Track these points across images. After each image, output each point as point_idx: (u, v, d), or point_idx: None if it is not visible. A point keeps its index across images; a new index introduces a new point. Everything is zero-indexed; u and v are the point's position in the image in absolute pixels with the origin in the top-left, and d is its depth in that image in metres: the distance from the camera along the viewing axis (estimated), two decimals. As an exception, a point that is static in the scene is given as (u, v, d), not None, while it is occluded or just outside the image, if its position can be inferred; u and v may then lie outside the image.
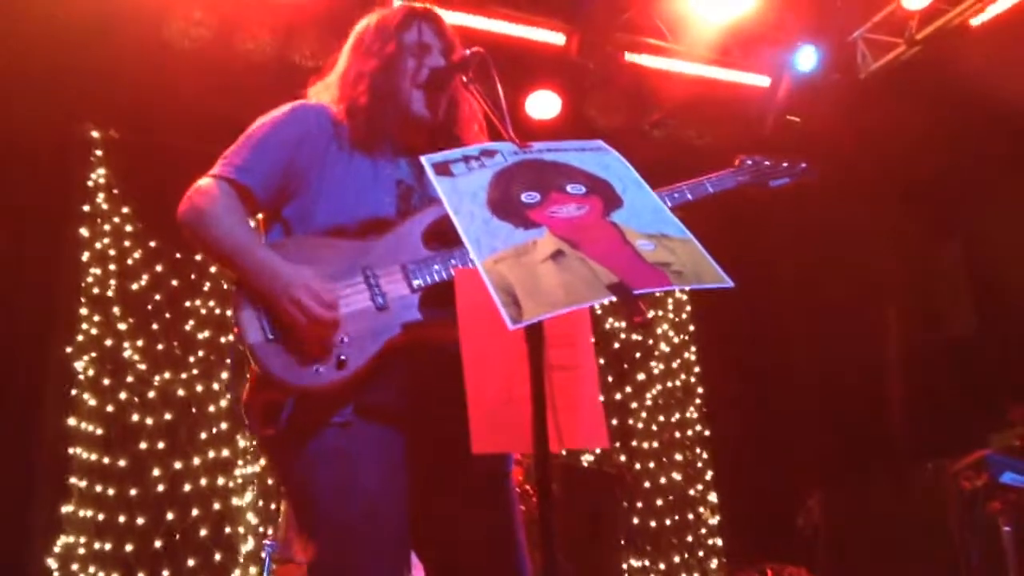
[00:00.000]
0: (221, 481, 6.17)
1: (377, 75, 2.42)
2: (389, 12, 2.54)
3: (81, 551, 5.76)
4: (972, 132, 6.63)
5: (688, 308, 8.36)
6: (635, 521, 7.48)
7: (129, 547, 5.88)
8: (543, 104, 7.07)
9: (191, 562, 5.94)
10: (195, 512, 6.05)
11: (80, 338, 6.14)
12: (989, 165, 6.62)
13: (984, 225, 6.96)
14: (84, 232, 6.36)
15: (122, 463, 6.04)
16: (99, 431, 6.04)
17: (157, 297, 6.44)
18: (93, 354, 6.15)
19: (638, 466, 7.71)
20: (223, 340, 6.45)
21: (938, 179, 7.04)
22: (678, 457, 7.89)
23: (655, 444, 7.86)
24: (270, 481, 6.05)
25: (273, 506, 5.98)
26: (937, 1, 6.65)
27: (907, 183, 7.19)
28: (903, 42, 7.12)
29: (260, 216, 2.42)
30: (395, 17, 2.50)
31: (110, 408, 6.11)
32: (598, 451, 7.28)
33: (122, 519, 5.92)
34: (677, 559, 7.56)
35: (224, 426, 6.28)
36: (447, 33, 2.51)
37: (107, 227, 6.45)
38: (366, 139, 2.39)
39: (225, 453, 6.23)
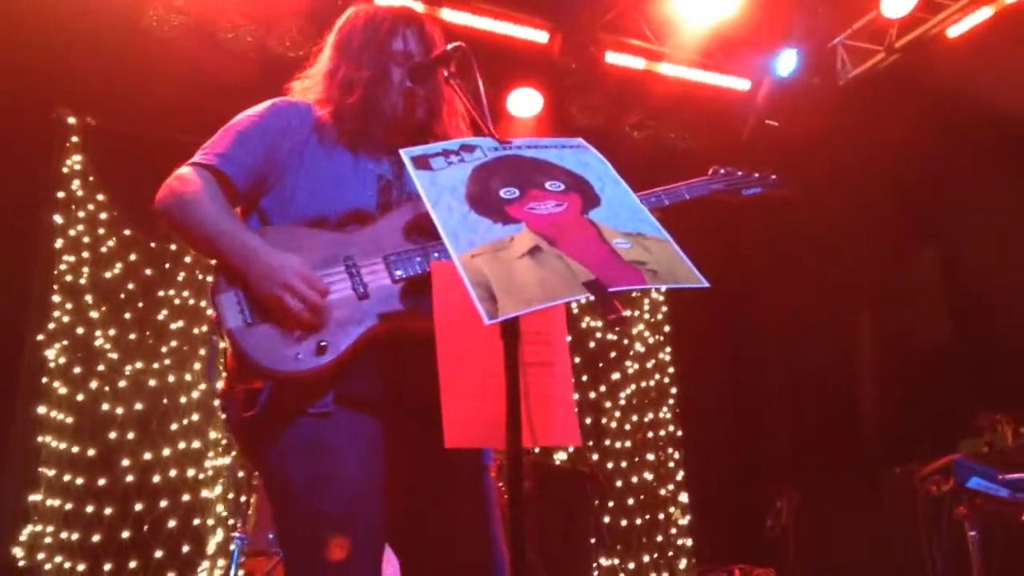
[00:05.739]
0: (191, 472, 6.12)
1: (369, 86, 2.43)
2: (377, 15, 2.53)
3: (48, 540, 5.70)
4: (949, 140, 6.70)
5: (664, 309, 8.39)
6: (606, 520, 7.50)
7: (96, 537, 5.83)
8: (525, 101, 7.08)
9: (159, 553, 5.90)
10: (164, 503, 6.00)
11: (52, 326, 6.06)
12: (966, 173, 6.69)
13: (960, 232, 7.02)
14: (58, 219, 6.29)
15: (91, 452, 5.98)
16: (69, 420, 5.98)
17: (130, 286, 6.39)
18: (65, 342, 6.08)
19: (610, 465, 7.73)
20: (196, 331, 6.40)
21: (915, 186, 7.10)
22: (650, 457, 7.92)
23: (627, 444, 7.88)
24: (240, 473, 6.01)
25: (243, 499, 5.94)
26: (916, 10, 6.71)
27: (884, 189, 7.25)
28: (882, 50, 7.19)
29: (238, 208, 2.41)
30: (383, 23, 2.50)
31: (80, 397, 6.05)
32: (571, 449, 7.29)
33: (90, 509, 5.87)
34: (647, 559, 7.59)
35: (195, 417, 6.24)
36: (429, 38, 2.52)
37: (81, 214, 6.39)
38: (351, 139, 2.41)
39: (196, 444, 6.18)
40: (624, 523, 7.63)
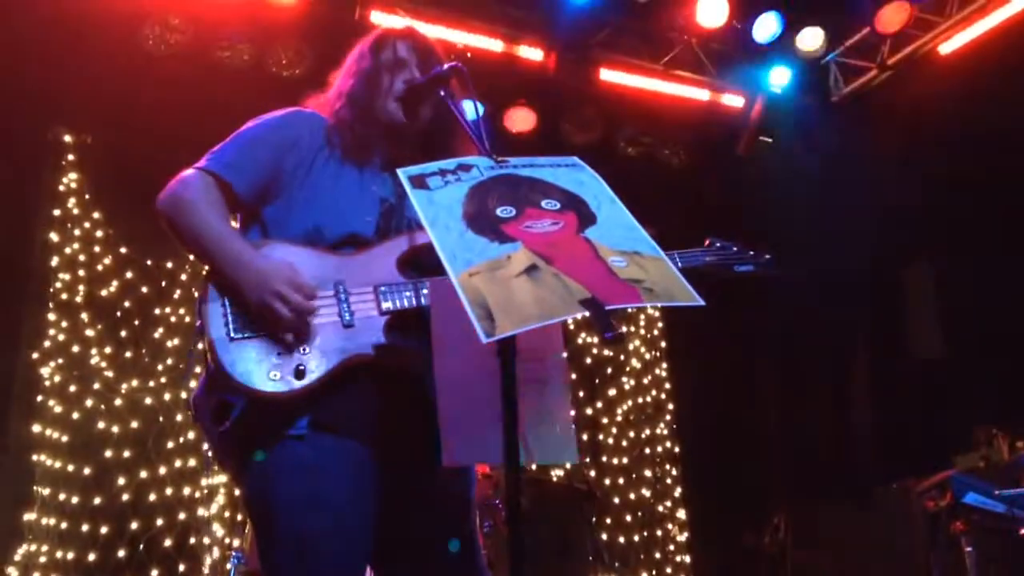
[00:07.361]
0: (187, 491, 6.08)
1: (354, 91, 2.48)
2: (372, 34, 2.61)
3: (43, 560, 5.66)
4: (941, 155, 6.73)
5: (660, 324, 8.38)
6: (603, 537, 7.47)
7: (92, 556, 5.78)
8: (519, 118, 7.10)
9: (154, 572, 5.85)
10: (160, 522, 5.96)
11: (47, 344, 6.05)
12: (959, 188, 6.72)
13: (953, 248, 7.05)
14: (54, 237, 6.28)
15: (87, 471, 5.95)
16: (64, 438, 5.95)
17: (126, 304, 6.36)
18: (60, 360, 6.06)
19: (607, 482, 7.70)
20: (192, 349, 6.38)
21: (908, 201, 7.12)
22: (647, 473, 7.89)
23: (625, 460, 7.86)
24: (237, 491, 5.99)
25: (240, 517, 5.92)
26: (908, 27, 6.76)
27: (877, 205, 7.28)
28: (875, 66, 7.24)
29: (237, 216, 2.43)
30: (375, 38, 2.58)
31: (76, 415, 6.01)
32: (568, 466, 7.27)
33: (85, 528, 5.82)
34: (644, 576, 7.57)
35: (191, 435, 6.19)
36: (423, 47, 2.55)
37: (77, 232, 6.37)
38: (354, 151, 2.43)
39: (192, 463, 6.15)
40: (622, 540, 7.60)
